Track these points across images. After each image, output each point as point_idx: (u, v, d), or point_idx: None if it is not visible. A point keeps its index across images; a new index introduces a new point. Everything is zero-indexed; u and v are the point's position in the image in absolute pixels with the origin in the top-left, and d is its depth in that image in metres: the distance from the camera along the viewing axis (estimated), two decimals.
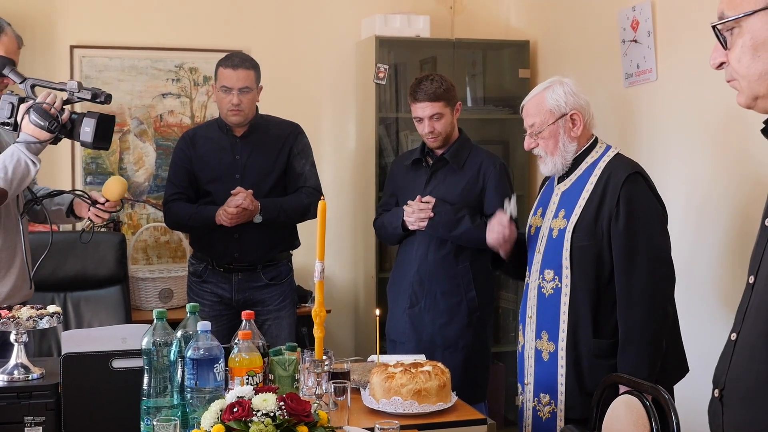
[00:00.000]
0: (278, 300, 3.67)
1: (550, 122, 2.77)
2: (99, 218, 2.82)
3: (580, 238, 2.70)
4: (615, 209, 2.65)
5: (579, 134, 2.78)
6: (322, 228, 2.21)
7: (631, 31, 3.63)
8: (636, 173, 2.68)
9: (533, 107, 2.81)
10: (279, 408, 1.80)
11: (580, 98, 2.81)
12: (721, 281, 3.17)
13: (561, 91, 2.79)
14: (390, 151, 4.43)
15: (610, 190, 2.67)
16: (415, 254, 3.42)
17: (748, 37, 1.44)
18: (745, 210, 3.02)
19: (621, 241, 2.64)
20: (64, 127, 2.66)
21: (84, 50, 4.31)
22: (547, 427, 2.74)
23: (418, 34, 4.42)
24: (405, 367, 2.52)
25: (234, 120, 3.57)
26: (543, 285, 2.79)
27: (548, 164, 2.82)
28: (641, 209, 2.65)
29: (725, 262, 3.15)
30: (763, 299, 1.48)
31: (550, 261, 2.77)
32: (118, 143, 4.37)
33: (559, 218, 2.78)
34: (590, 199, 2.71)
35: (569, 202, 2.77)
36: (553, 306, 2.74)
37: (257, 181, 3.56)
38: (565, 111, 2.77)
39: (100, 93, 2.65)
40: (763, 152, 2.94)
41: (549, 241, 2.80)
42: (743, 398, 1.51)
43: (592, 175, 2.75)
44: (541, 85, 2.85)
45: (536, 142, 2.80)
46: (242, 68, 3.53)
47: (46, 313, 2.34)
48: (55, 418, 2.16)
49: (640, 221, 2.64)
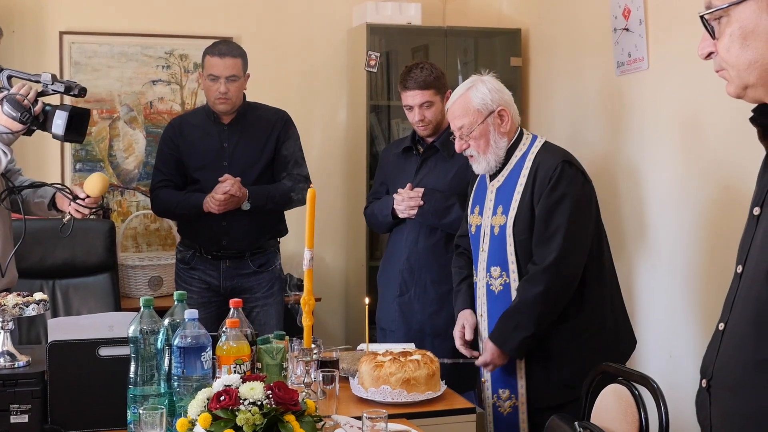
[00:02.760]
0: (266, 287, 3.68)
1: (479, 122, 2.80)
2: (79, 213, 2.79)
3: (520, 232, 2.75)
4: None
5: (508, 129, 2.82)
6: (311, 216, 2.21)
7: (623, 20, 3.62)
8: (564, 162, 2.73)
9: (459, 109, 2.84)
10: (266, 397, 1.80)
11: (503, 93, 2.85)
12: (712, 271, 3.17)
13: (485, 88, 2.82)
14: (381, 139, 4.42)
15: (539, 181, 2.73)
16: (405, 242, 3.42)
17: (736, 26, 1.43)
18: (736, 199, 3.02)
19: (540, 220, 2.71)
20: (36, 119, 2.64)
21: (73, 36, 4.27)
22: (509, 421, 2.80)
23: (409, 21, 4.41)
24: (394, 356, 2.52)
25: (221, 108, 3.56)
26: (491, 282, 2.83)
27: (481, 163, 2.85)
28: (565, 196, 2.69)
29: (716, 251, 3.15)
30: (751, 289, 1.48)
31: (496, 258, 2.81)
32: (108, 130, 4.35)
33: (498, 215, 2.82)
34: (524, 192, 2.75)
35: (505, 198, 2.80)
36: (504, 302, 2.79)
37: (245, 168, 3.56)
38: (492, 108, 2.81)
39: (74, 86, 2.64)
40: (752, 141, 2.93)
41: (492, 238, 2.83)
42: (731, 388, 1.50)
43: (523, 168, 2.79)
44: (463, 86, 2.87)
45: (467, 143, 2.83)
46: (229, 56, 3.53)
47: (33, 300, 2.32)
48: (41, 405, 2.15)
49: (560, 205, 2.69)
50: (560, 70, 4.18)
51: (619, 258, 3.55)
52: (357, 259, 4.44)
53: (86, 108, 2.76)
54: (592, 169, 3.81)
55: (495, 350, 2.75)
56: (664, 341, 3.39)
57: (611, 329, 2.80)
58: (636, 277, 3.57)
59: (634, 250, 3.59)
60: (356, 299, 4.41)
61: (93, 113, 4.30)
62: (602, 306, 2.79)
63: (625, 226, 3.64)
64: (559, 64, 4.20)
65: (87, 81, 4.27)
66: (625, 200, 3.64)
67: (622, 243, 3.62)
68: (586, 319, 2.75)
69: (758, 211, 1.52)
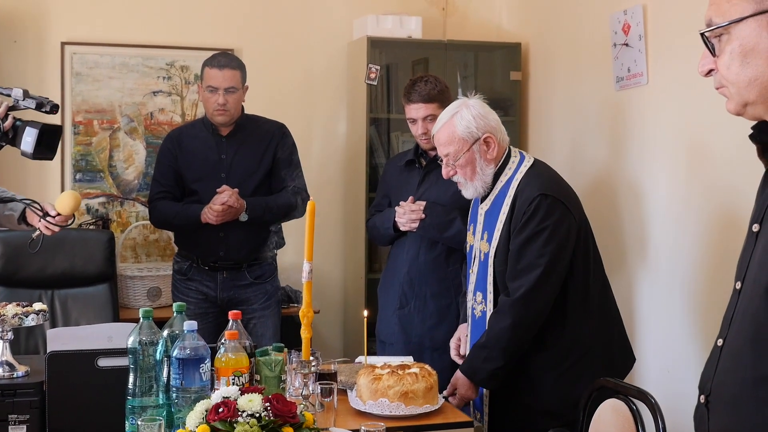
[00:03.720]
0: (263, 299, 3.68)
1: (464, 150, 2.76)
2: (49, 230, 2.73)
3: (500, 263, 2.72)
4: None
5: (495, 155, 2.78)
6: (310, 228, 2.21)
7: (623, 35, 3.63)
8: (540, 195, 2.66)
9: (445, 137, 2.79)
10: (264, 409, 1.80)
11: (489, 119, 2.79)
12: (711, 287, 3.17)
13: (469, 115, 2.76)
14: (381, 152, 4.43)
15: (516, 214, 2.69)
16: (405, 255, 3.42)
17: (737, 44, 1.44)
18: (735, 215, 3.03)
19: (512, 254, 2.67)
20: (5, 135, 2.59)
21: (75, 47, 4.28)
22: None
23: (410, 35, 4.42)
24: (392, 369, 2.52)
25: (220, 120, 3.58)
26: (475, 306, 2.83)
27: (469, 189, 2.82)
28: (539, 231, 2.64)
29: (715, 267, 3.15)
30: (750, 305, 1.48)
31: (480, 284, 2.81)
32: (108, 141, 4.35)
33: (483, 241, 2.80)
34: (505, 222, 2.71)
35: (490, 224, 2.78)
36: (482, 329, 2.77)
37: (243, 179, 3.57)
38: (477, 136, 2.76)
39: (46, 102, 2.58)
40: (751, 158, 2.94)
41: (479, 263, 2.82)
42: (729, 404, 1.50)
43: (506, 196, 2.74)
44: (448, 112, 2.82)
45: (454, 170, 2.79)
46: (228, 68, 3.55)
47: (32, 310, 2.33)
48: (39, 416, 2.15)
49: (533, 241, 2.64)
50: (560, 85, 4.19)
51: (619, 273, 3.56)
52: (356, 271, 4.44)
53: (57, 125, 2.69)
54: (592, 183, 3.83)
55: (465, 382, 2.73)
56: (662, 357, 3.39)
57: (599, 354, 2.75)
58: (635, 292, 3.57)
59: (633, 265, 3.59)
60: (355, 311, 4.41)
61: (93, 123, 4.31)
62: (586, 333, 2.73)
63: (625, 240, 3.64)
64: (558, 79, 4.21)
65: (88, 91, 4.29)
66: (625, 214, 3.65)
67: (622, 258, 3.62)
68: (565, 347, 2.71)
69: (757, 228, 1.52)
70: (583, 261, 2.74)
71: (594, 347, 2.74)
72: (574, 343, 2.71)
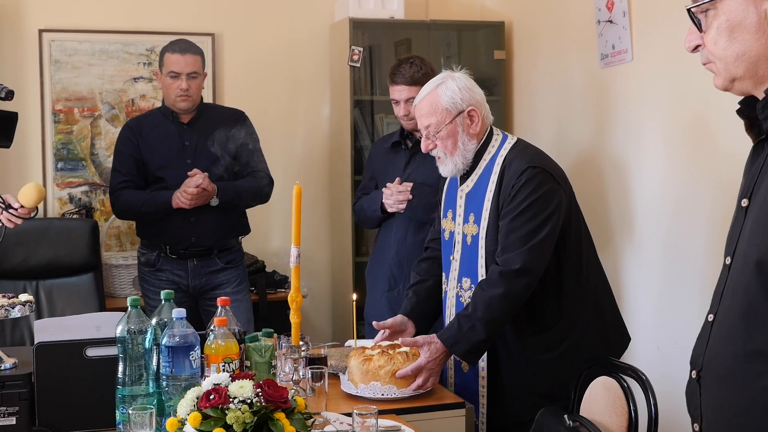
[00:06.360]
0: (235, 283, 3.70)
1: (447, 121, 2.66)
2: (11, 223, 2.66)
3: (491, 243, 2.62)
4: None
5: (478, 130, 2.69)
6: (297, 213, 2.20)
7: (607, 12, 3.62)
8: (529, 167, 2.59)
9: (427, 107, 2.68)
10: (256, 395, 1.79)
11: (475, 92, 2.69)
12: (700, 263, 3.18)
13: (455, 86, 2.66)
14: (365, 134, 4.41)
15: (504, 187, 2.60)
16: (394, 237, 3.42)
17: (723, 19, 1.43)
18: (723, 191, 3.03)
19: (503, 228, 2.58)
20: None
21: (53, 34, 4.23)
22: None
23: (392, 15, 4.39)
24: (382, 349, 2.52)
25: (182, 105, 3.56)
26: (461, 294, 2.72)
27: (448, 165, 2.71)
28: (530, 203, 2.56)
29: (703, 243, 3.16)
30: (740, 280, 1.49)
31: (467, 269, 2.70)
32: (90, 128, 4.31)
33: (470, 223, 2.70)
34: (493, 200, 2.63)
35: (476, 205, 2.69)
36: None
37: (209, 165, 3.54)
38: (461, 108, 2.66)
39: (1, 89, 2.52)
40: (739, 133, 2.95)
41: (464, 247, 2.72)
42: (720, 379, 1.51)
43: (491, 173, 2.66)
44: (433, 82, 2.71)
45: (434, 143, 2.69)
46: (190, 53, 3.55)
47: (18, 302, 2.31)
48: (28, 408, 2.14)
49: (524, 213, 2.56)
50: (544, 63, 4.18)
51: (606, 251, 3.56)
52: (343, 254, 4.43)
53: (13, 111, 2.60)
54: (578, 161, 3.83)
55: (441, 349, 2.53)
56: (652, 334, 3.40)
57: (595, 335, 2.70)
58: (623, 270, 3.58)
59: (620, 243, 3.60)
60: (343, 295, 4.40)
61: (74, 111, 4.27)
62: (582, 314, 2.69)
63: (612, 219, 3.65)
64: (543, 57, 4.20)
65: (68, 79, 4.24)
66: (611, 192, 3.65)
67: (608, 236, 3.63)
68: (563, 329, 2.66)
69: (746, 203, 1.53)
70: (575, 237, 2.69)
71: (590, 328, 2.69)
72: (571, 324, 2.66)
